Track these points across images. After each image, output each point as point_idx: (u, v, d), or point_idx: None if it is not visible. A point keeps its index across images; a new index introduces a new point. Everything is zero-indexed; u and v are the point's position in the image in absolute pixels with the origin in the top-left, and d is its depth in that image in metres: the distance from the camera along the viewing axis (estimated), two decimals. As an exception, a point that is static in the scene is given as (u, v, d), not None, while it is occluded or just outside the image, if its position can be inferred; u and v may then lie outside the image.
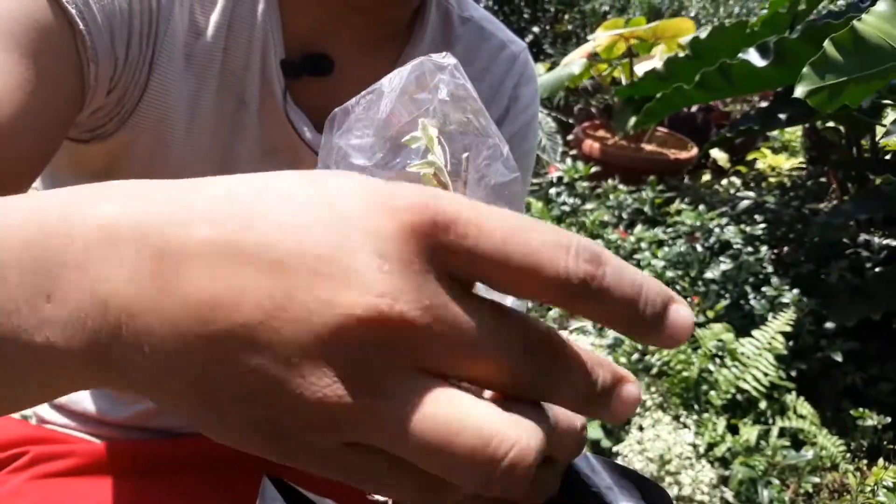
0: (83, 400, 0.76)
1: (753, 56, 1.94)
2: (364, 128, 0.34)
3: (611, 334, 1.95)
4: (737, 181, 3.32)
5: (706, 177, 3.55)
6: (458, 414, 0.22)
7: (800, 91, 1.37)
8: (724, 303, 2.00)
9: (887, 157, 2.65)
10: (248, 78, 0.60)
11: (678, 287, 2.13)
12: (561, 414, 0.29)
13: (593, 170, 2.95)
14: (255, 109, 0.61)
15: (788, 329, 1.80)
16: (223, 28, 0.59)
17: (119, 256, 0.23)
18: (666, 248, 2.30)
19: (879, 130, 2.53)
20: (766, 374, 1.71)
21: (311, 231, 0.22)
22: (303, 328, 0.21)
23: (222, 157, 0.62)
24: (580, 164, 2.99)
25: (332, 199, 0.23)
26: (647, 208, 2.67)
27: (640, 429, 1.59)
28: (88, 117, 0.57)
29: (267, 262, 0.21)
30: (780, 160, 3.48)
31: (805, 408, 1.71)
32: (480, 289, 0.25)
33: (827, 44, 1.37)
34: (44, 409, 0.78)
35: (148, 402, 0.71)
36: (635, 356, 1.82)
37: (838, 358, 1.85)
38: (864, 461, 1.56)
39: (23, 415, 0.84)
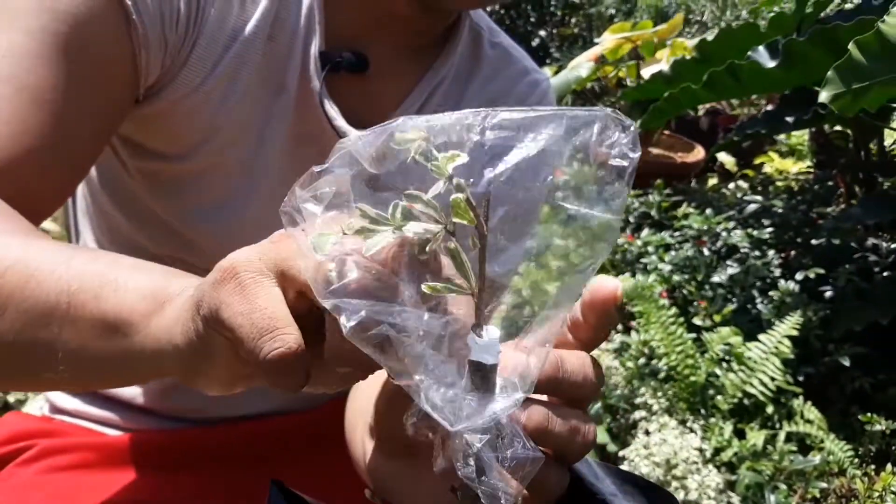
0: None
1: (763, 56, 1.94)
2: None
3: (617, 338, 1.95)
4: (744, 185, 3.31)
5: (713, 180, 3.54)
6: None
7: (824, 96, 1.35)
8: (731, 307, 2.00)
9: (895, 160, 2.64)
10: (290, 66, 0.64)
11: (685, 291, 2.13)
12: (572, 413, 0.37)
13: (600, 173, 2.94)
14: (293, 96, 0.65)
15: (795, 333, 1.79)
16: (269, 15, 0.62)
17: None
18: (673, 252, 2.30)
19: (887, 134, 2.52)
20: (773, 379, 1.70)
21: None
22: None
23: (256, 135, 0.65)
24: (587, 168, 2.98)
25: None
26: (653, 212, 2.66)
27: (647, 433, 1.59)
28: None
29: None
30: (787, 164, 3.46)
31: (812, 412, 1.70)
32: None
33: (851, 46, 1.34)
34: (57, 395, 0.80)
35: (161, 381, 0.73)
36: (642, 360, 1.82)
37: (846, 362, 1.84)
38: (872, 466, 1.55)
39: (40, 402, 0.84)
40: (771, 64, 1.92)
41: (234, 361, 0.36)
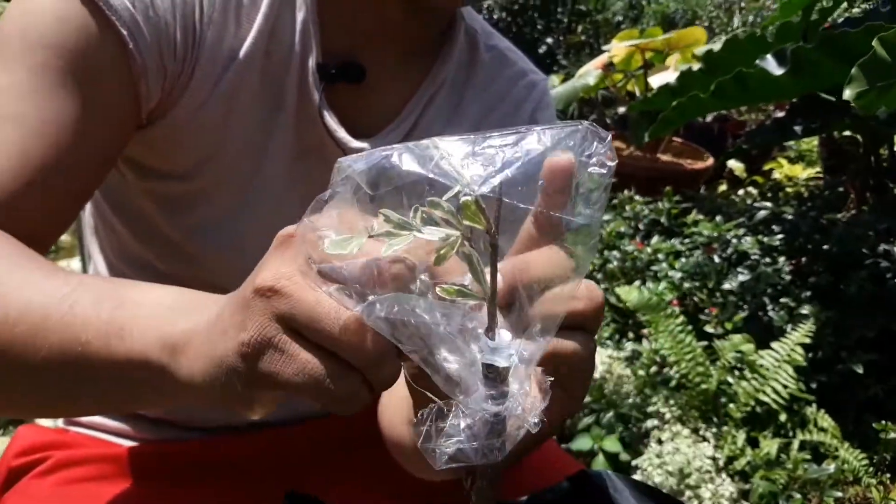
0: None
1: (770, 64, 1.93)
2: None
3: (628, 347, 1.95)
4: (753, 191, 3.30)
5: (722, 187, 3.53)
6: None
7: (848, 94, 1.33)
8: (742, 314, 1.99)
9: (906, 166, 2.63)
10: (288, 81, 0.64)
11: (696, 298, 2.12)
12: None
13: (609, 181, 2.94)
14: (292, 110, 0.65)
15: (808, 341, 1.78)
16: (265, 33, 0.62)
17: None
18: (683, 259, 2.29)
19: (898, 139, 2.51)
20: (785, 387, 1.69)
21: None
22: None
23: (258, 150, 0.66)
24: (595, 176, 2.98)
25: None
26: (663, 219, 2.66)
27: (660, 442, 1.58)
28: None
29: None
30: (797, 170, 3.46)
31: (826, 420, 1.69)
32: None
33: (875, 43, 1.33)
34: None
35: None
36: (653, 369, 1.81)
37: (859, 370, 1.83)
38: (888, 475, 1.54)
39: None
40: (779, 72, 1.91)
41: (277, 398, 0.40)
